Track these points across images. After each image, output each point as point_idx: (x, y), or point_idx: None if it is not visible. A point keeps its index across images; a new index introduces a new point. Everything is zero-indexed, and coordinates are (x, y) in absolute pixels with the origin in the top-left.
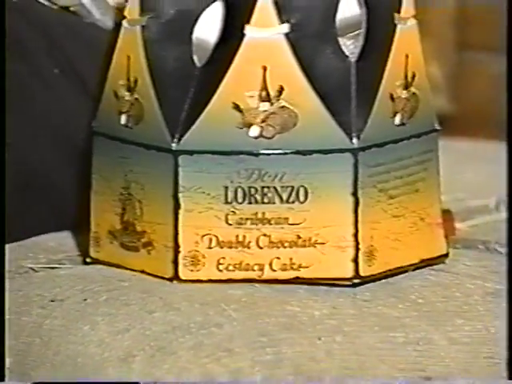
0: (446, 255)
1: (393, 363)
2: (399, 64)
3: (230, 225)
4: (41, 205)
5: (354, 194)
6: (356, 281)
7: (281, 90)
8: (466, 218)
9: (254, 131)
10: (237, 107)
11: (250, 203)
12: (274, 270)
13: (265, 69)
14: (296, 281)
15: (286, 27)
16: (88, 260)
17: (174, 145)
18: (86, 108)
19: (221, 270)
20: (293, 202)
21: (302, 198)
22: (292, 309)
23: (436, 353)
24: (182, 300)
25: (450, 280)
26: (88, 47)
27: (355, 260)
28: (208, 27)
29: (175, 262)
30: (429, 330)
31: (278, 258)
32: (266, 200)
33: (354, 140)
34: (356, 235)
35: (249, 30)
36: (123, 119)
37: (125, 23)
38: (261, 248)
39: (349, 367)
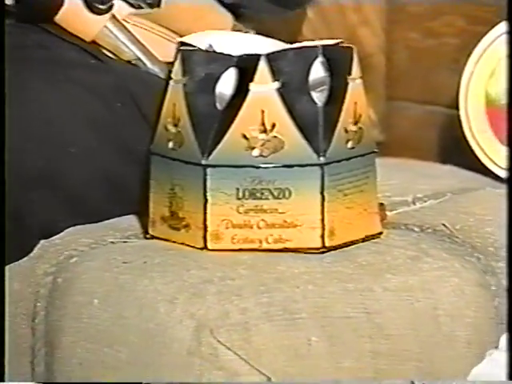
0: (381, 233)
1: (346, 303)
2: (350, 108)
3: (240, 213)
4: (115, 198)
5: (322, 193)
6: (322, 250)
7: (273, 126)
8: (393, 209)
9: (256, 152)
10: (244, 136)
11: (253, 199)
12: (269, 243)
13: (263, 112)
14: (283, 250)
15: (276, 84)
16: (147, 236)
17: (203, 161)
18: (143, 128)
19: (234, 243)
20: (281, 199)
21: (287, 196)
22: (280, 268)
23: (374, 297)
24: (209, 262)
25: (384, 249)
26: (146, 87)
27: (322, 236)
28: (226, 84)
29: (204, 238)
30: (369, 282)
31: (272, 235)
32: (263, 197)
33: (321, 158)
34: (322, 220)
35: (252, 86)
36: (170, 144)
37: (171, 82)
38: (260, 228)
39: (317, 306)
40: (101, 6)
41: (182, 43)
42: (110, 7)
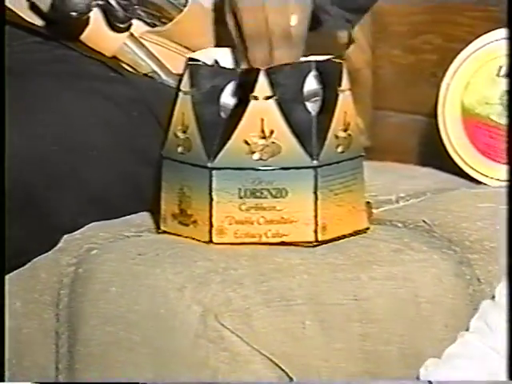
0: (368, 228)
1: (337, 291)
2: (341, 117)
3: (242, 211)
4: (130, 197)
5: (315, 192)
6: (316, 243)
7: (272, 132)
8: (378, 207)
9: (256, 156)
10: (246, 142)
11: (253, 198)
12: (268, 237)
13: (262, 120)
14: (281, 243)
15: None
16: (159, 231)
17: (209, 164)
18: (157, 135)
19: (236, 237)
20: (279, 198)
21: (284, 195)
22: (278, 260)
23: (362, 285)
24: (214, 254)
25: (370, 242)
26: (160, 97)
27: (315, 231)
28: (229, 95)
29: (210, 232)
30: (357, 272)
31: (270, 230)
32: (263, 196)
33: (315, 161)
34: (316, 217)
35: (253, 96)
36: (180, 149)
37: (180, 93)
38: (260, 224)
39: (311, 293)
40: (121, 25)
41: (190, 59)
42: (129, 26)
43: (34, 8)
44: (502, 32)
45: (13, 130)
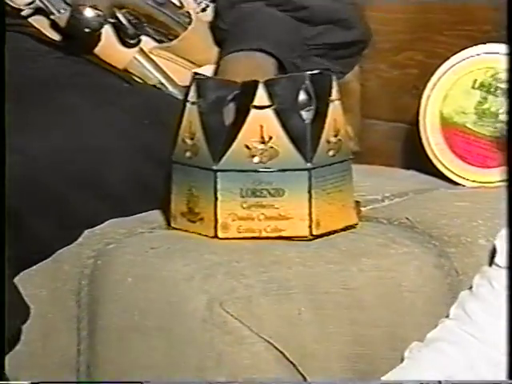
0: (357, 224)
1: (330, 281)
2: (331, 124)
3: (244, 208)
4: (143, 197)
5: (309, 191)
6: (310, 237)
7: (270, 138)
8: (366, 205)
9: (256, 159)
10: (247, 147)
11: (254, 197)
12: (267, 232)
13: (262, 127)
14: (279, 238)
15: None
16: (170, 227)
17: (214, 167)
18: (165, 140)
19: (239, 232)
20: (277, 196)
21: (281, 194)
22: (277, 252)
23: (351, 276)
24: (219, 248)
25: (359, 237)
26: (168, 106)
27: (310, 226)
28: (232, 105)
29: (215, 228)
30: (348, 264)
31: (269, 225)
32: (262, 195)
33: (309, 164)
34: (310, 214)
35: (253, 106)
36: (188, 154)
37: (188, 104)
38: (260, 221)
39: (307, 283)
40: (131, 41)
41: (196, 73)
42: (139, 41)
43: (53, 25)
44: (478, 49)
45: (37, 137)
